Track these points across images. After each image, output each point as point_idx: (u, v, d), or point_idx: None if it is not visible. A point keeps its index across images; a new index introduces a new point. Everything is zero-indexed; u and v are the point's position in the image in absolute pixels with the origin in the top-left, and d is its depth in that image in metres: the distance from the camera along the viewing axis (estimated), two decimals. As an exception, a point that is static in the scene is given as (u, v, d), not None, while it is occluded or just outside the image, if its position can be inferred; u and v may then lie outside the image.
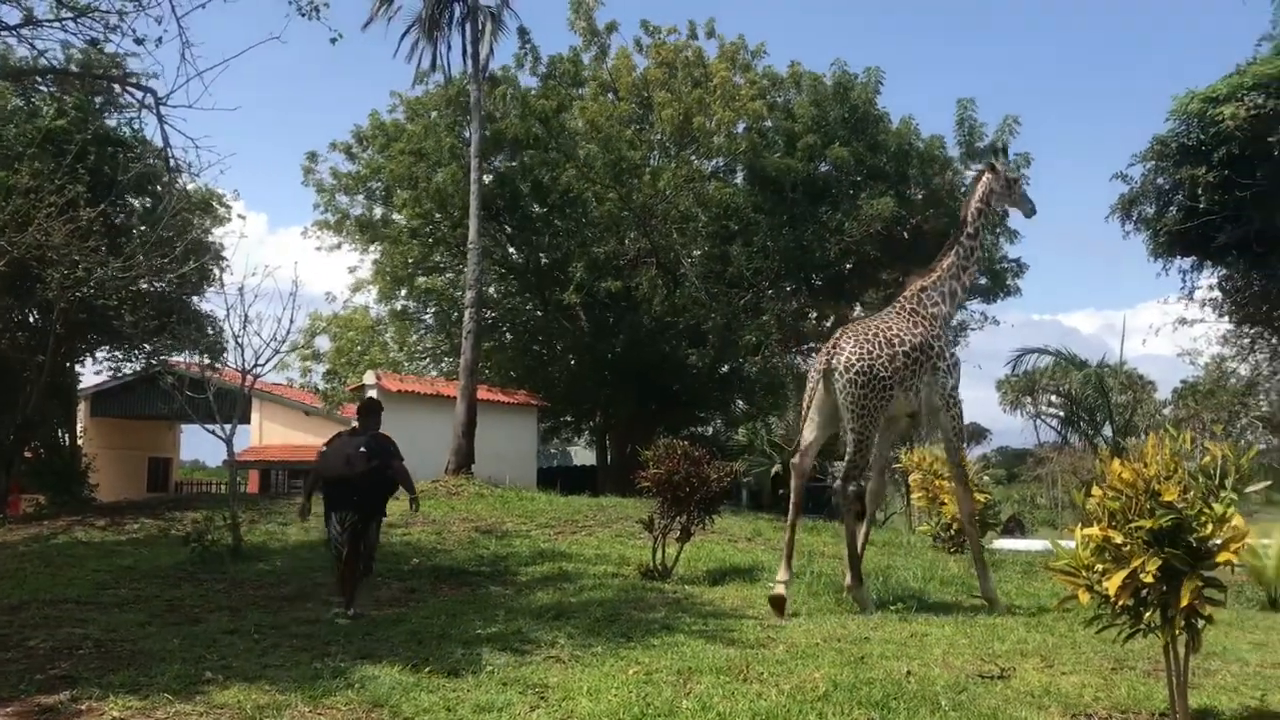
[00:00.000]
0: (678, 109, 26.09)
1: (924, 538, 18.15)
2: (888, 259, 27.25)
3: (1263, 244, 21.29)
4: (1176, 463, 6.21)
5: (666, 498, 12.82)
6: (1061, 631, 9.87)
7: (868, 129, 27.40)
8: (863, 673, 7.66)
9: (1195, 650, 6.39)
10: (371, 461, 10.21)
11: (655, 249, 27.64)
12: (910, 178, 27.67)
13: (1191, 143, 20.41)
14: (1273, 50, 20.78)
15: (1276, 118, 18.84)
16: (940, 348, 12.12)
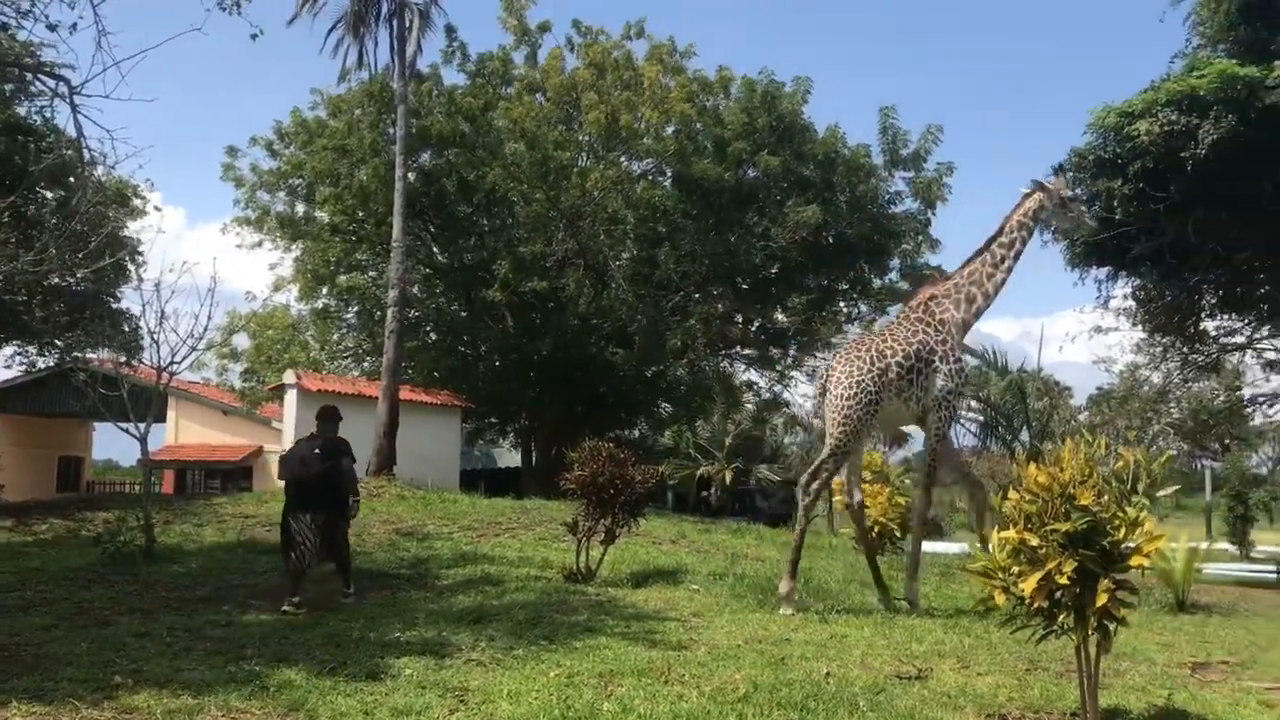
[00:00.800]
0: (604, 110, 26.07)
1: (845, 540, 18.30)
2: (813, 265, 27.51)
3: (1175, 256, 21.87)
4: (1091, 468, 6.34)
5: (591, 500, 12.77)
6: (978, 633, 10.03)
7: (795, 137, 27.64)
8: (783, 674, 7.71)
9: (1106, 651, 6.52)
10: (325, 463, 10.95)
11: (583, 250, 27.59)
12: (836, 185, 27.95)
13: (1108, 156, 20.86)
14: (1186, 68, 21.34)
15: (1189, 134, 19.33)
16: (945, 351, 12.28)
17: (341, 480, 11.11)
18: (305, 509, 10.86)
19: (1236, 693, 8.21)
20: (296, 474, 10.94)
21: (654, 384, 30.38)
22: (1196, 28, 22.72)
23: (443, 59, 29.06)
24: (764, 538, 18.51)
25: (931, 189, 28.38)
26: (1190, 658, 9.78)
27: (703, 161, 26.53)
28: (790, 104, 27.78)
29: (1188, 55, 22.58)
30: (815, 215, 25.63)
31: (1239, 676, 9.02)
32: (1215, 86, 19.16)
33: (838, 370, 12.10)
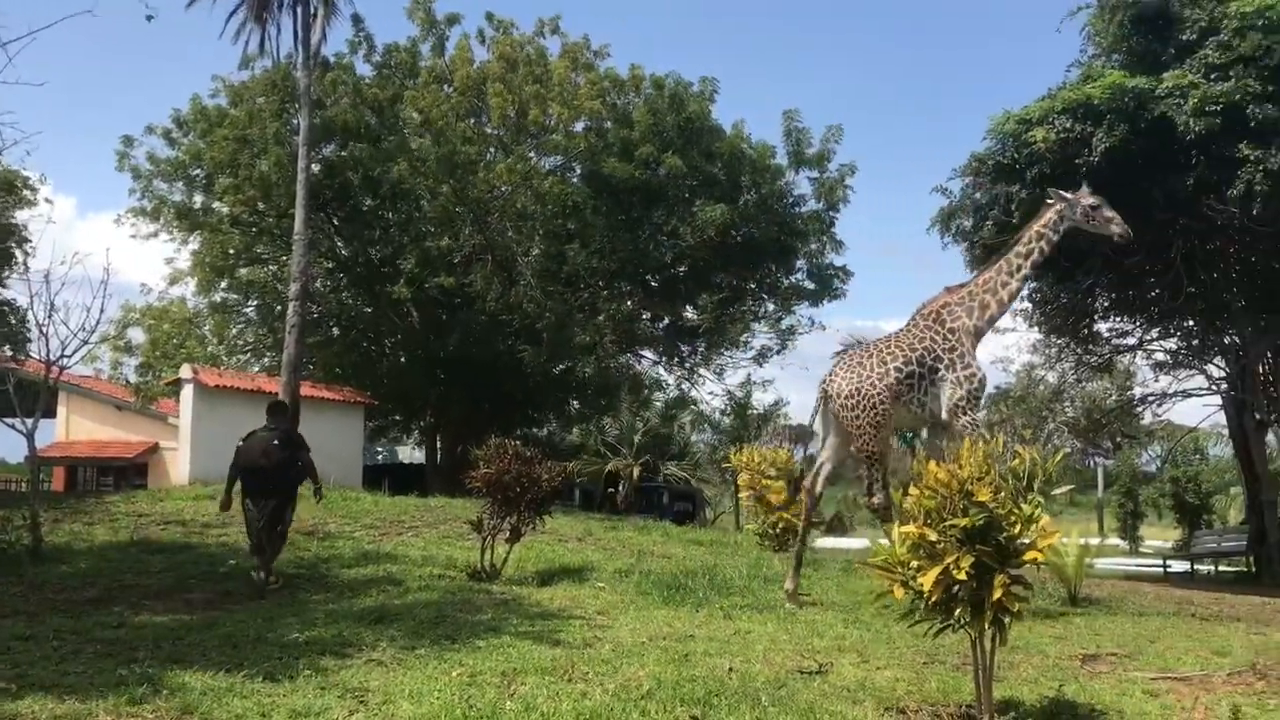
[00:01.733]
0: (512, 102, 25.89)
1: (750, 536, 18.45)
2: (720, 263, 27.70)
3: (1069, 260, 22.49)
4: (989, 465, 6.47)
5: (496, 498, 12.68)
6: (878, 627, 10.19)
7: (702, 138, 27.79)
8: (686, 670, 7.74)
9: (1002, 644, 6.67)
10: (284, 452, 11.79)
11: (490, 245, 27.38)
12: (743, 185, 28.18)
13: (1006, 161, 21.38)
14: (1081, 78, 21.97)
15: (1083, 141, 19.90)
16: (952, 360, 12.44)
17: (294, 471, 11.98)
18: (260, 495, 11.71)
19: (1123, 683, 8.46)
20: (257, 462, 11.66)
21: (562, 381, 30.30)
22: (1092, 38, 23.43)
23: (349, 49, 28.64)
24: (670, 535, 18.58)
25: (834, 190, 28.78)
26: (1081, 650, 10.05)
27: (612, 159, 26.53)
28: (697, 104, 27.93)
29: (1083, 65, 23.25)
30: (723, 215, 25.81)
31: (1126, 667, 9.30)
32: (1108, 96, 19.76)
33: (838, 378, 12.43)
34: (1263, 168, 18.61)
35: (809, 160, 28.88)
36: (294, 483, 12.15)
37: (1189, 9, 20.69)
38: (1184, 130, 19.07)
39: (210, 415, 24.37)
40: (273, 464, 11.68)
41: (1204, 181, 19.57)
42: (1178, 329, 27.75)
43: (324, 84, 26.80)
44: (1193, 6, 20.69)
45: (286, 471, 11.90)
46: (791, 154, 28.87)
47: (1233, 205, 19.25)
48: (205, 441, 24.31)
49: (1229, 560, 28.09)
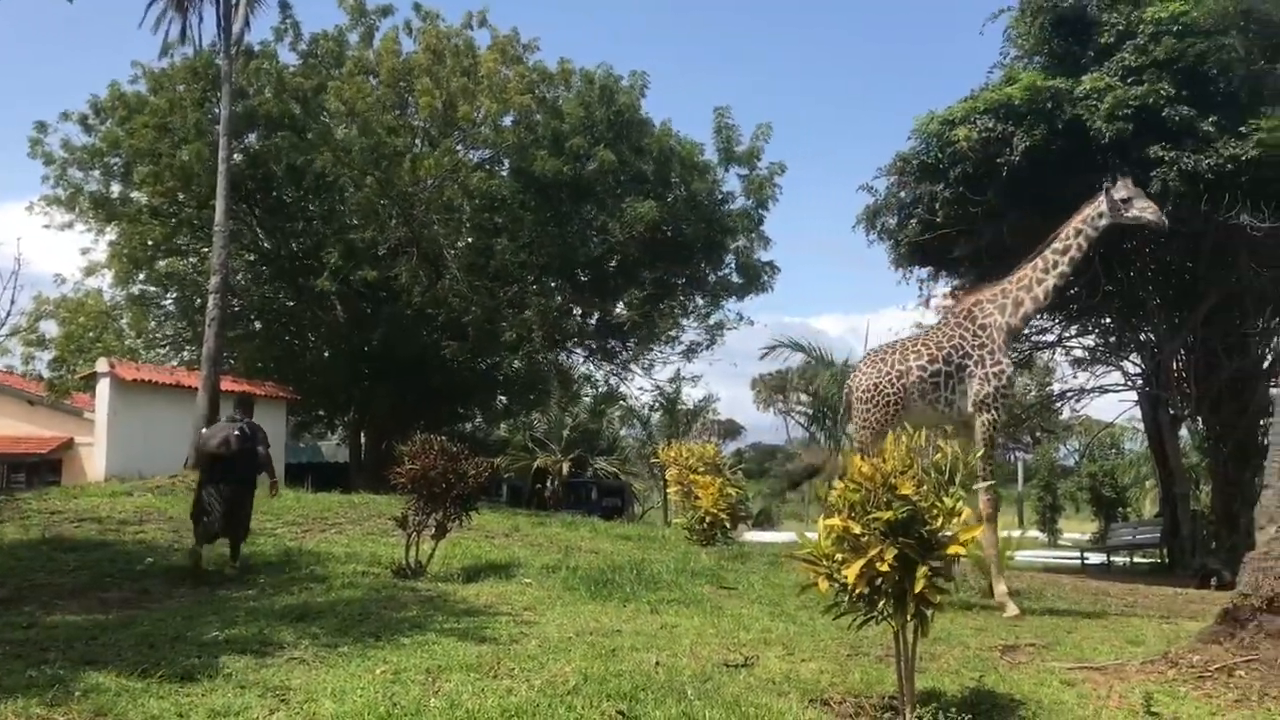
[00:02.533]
0: (438, 95, 25.63)
1: (679, 530, 18.52)
2: (650, 259, 27.72)
3: (991, 257, 22.86)
4: (912, 459, 6.55)
5: (422, 494, 12.55)
6: (803, 620, 10.27)
7: (632, 133, 27.78)
8: (613, 665, 7.73)
9: (923, 636, 6.76)
10: (245, 444, 12.33)
11: (416, 238, 27.09)
12: (672, 181, 28.22)
13: (930, 160, 21.70)
14: (1003, 79, 22.36)
15: (1004, 141, 20.27)
16: (982, 356, 12.52)
17: (254, 460, 12.52)
18: (221, 482, 12.27)
19: (1041, 673, 8.63)
20: (220, 451, 12.28)
21: (490, 376, 30.10)
22: (1013, 40, 23.83)
23: (274, 36, 28.12)
24: (599, 530, 18.54)
25: (763, 188, 28.96)
26: (1001, 641, 10.24)
27: (541, 153, 26.40)
28: (628, 99, 27.91)
29: (1005, 66, 23.66)
30: (652, 211, 25.83)
31: (1044, 658, 9.49)
32: (1028, 97, 20.15)
33: (860, 374, 12.66)
34: (1176, 168, 19.11)
35: (739, 157, 29.02)
36: (253, 473, 12.66)
37: (1107, 13, 21.17)
38: (1100, 132, 19.51)
39: (127, 410, 23.83)
40: (233, 453, 12.24)
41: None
42: (1095, 326, 28.39)
43: (247, 72, 26.30)
44: (1110, 11, 21.16)
45: (247, 462, 12.44)
46: (721, 151, 29.00)
47: (1147, 206, 19.71)
48: (122, 437, 23.77)
49: (1144, 552, 28.83)
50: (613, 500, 36.40)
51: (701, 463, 18.25)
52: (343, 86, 26.26)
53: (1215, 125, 19.41)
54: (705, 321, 31.40)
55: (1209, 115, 19.54)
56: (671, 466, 18.88)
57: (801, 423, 47.72)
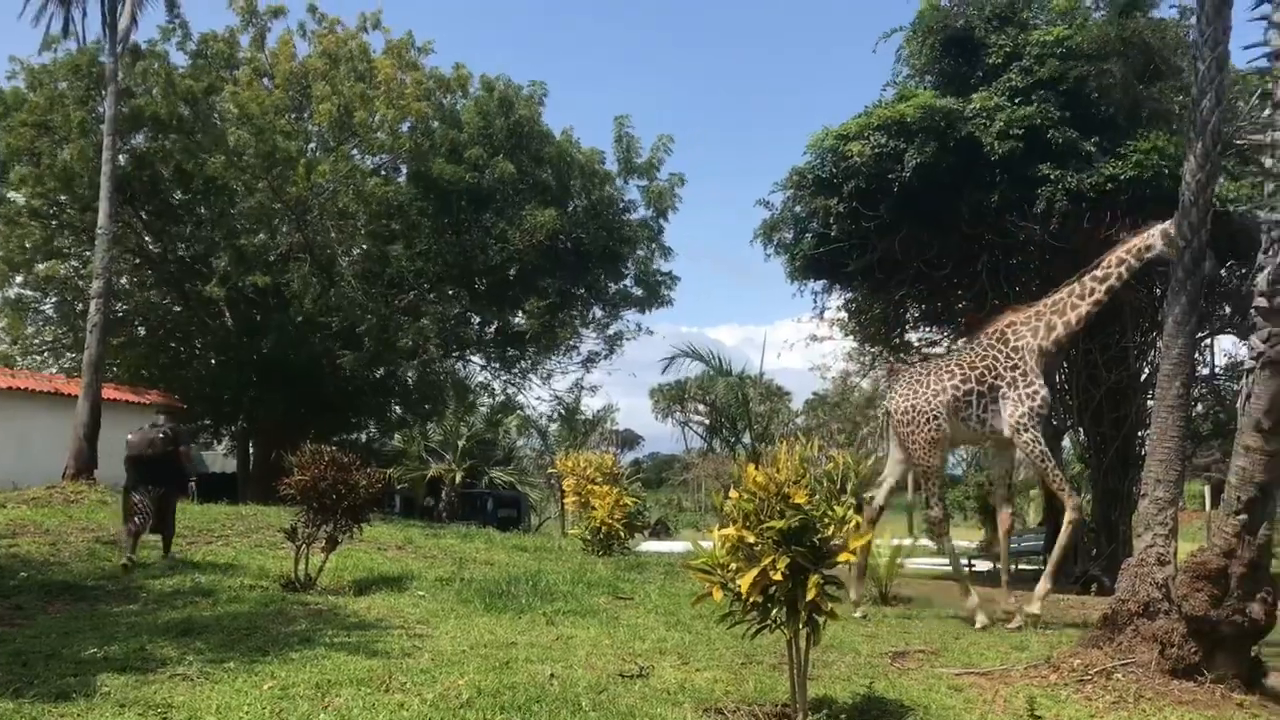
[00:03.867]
0: (337, 102, 25.20)
1: (575, 541, 18.47)
2: (549, 268, 27.60)
3: (883, 271, 23.35)
4: (805, 468, 6.62)
5: (312, 505, 12.27)
6: (699, 629, 10.31)
7: (532, 142, 27.65)
8: (507, 678, 7.65)
9: (815, 643, 6.83)
10: (167, 447, 13.26)
11: (310, 244, 26.54)
12: (572, 191, 28.18)
13: (825, 175, 22.04)
14: (895, 96, 22.84)
15: (896, 157, 20.71)
16: (1015, 377, 12.70)
17: (175, 463, 13.48)
18: (146, 483, 13.04)
19: (930, 679, 8.81)
20: (143, 453, 13.10)
21: (384, 385, 29.61)
22: (906, 59, 24.33)
23: (161, 35, 27.27)
24: (494, 541, 18.35)
25: (663, 198, 29.08)
26: (891, 648, 10.42)
27: (439, 160, 26.11)
28: (527, 108, 27.78)
29: (898, 84, 24.17)
30: (551, 220, 25.73)
31: (933, 664, 9.68)
32: (920, 115, 20.61)
33: (897, 396, 12.83)
34: (1061, 187, 19.76)
35: (639, 168, 29.09)
36: (176, 474, 13.71)
37: (995, 35, 21.78)
38: (989, 150, 20.07)
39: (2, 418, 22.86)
40: (156, 455, 13.13)
41: (1007, 199, 20.63)
42: (983, 339, 29.11)
43: (134, 71, 25.50)
44: (999, 33, 21.78)
45: (169, 464, 13.34)
46: (622, 160, 29.03)
47: (1034, 222, 20.34)
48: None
49: (1028, 559, 29.57)
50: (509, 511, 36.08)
51: (599, 473, 18.22)
52: (239, 90, 25.64)
53: (1097, 146, 20.14)
54: (605, 331, 31.40)
55: (1091, 136, 20.27)
56: (569, 477, 18.81)
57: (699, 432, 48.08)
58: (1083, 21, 21.75)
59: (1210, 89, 10.21)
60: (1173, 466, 10.05)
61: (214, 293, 25.27)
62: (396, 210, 26.76)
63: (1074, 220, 20.06)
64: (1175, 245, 12.21)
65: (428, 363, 27.38)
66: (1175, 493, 10.21)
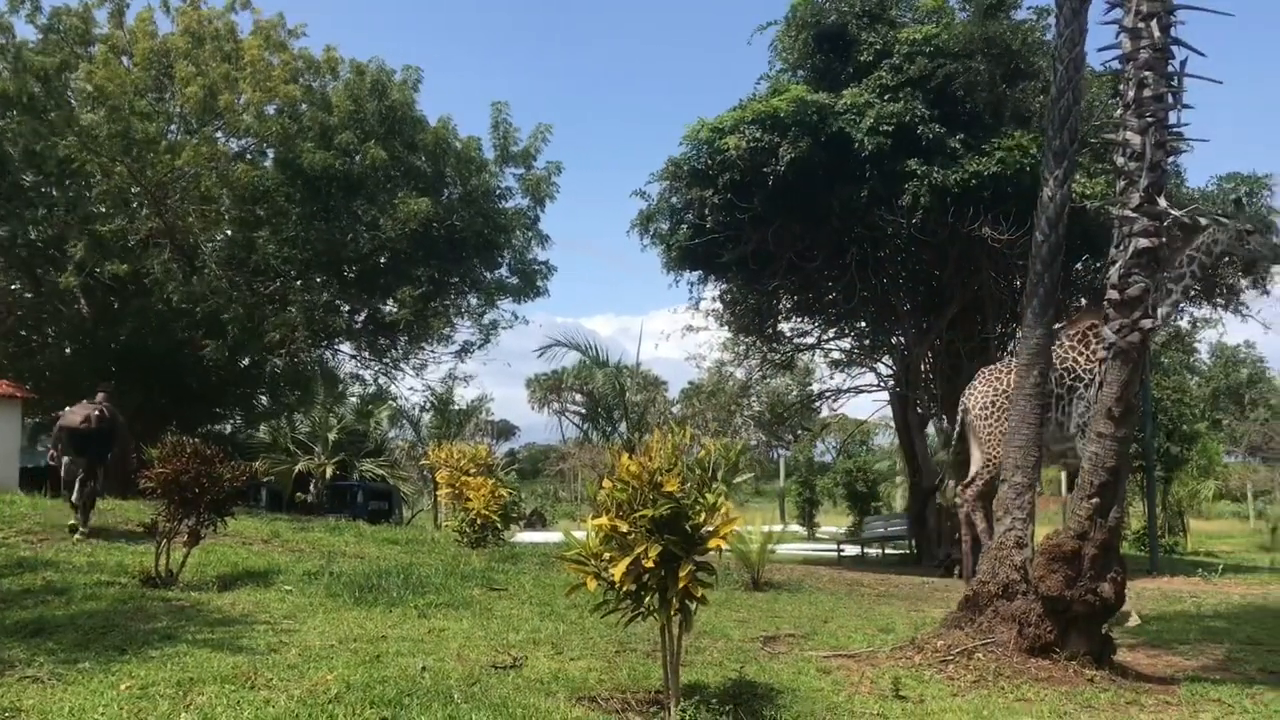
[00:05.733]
0: (201, 83, 24.31)
1: (449, 533, 18.26)
2: (423, 256, 27.17)
3: (757, 263, 23.71)
4: (677, 456, 6.67)
5: (173, 499, 11.85)
6: (573, 619, 10.31)
7: (405, 128, 27.16)
8: (377, 672, 7.53)
9: (687, 630, 6.89)
10: (104, 424, 14.41)
11: (171, 230, 25.57)
12: (447, 178, 27.79)
13: (701, 167, 22.27)
14: (769, 90, 23.18)
15: (770, 150, 21.02)
16: (1093, 379, 12.63)
17: (110, 438, 14.63)
18: (80, 454, 14.30)
19: (800, 662, 8.99)
20: (78, 426, 14.32)
21: (250, 375, 28.78)
22: (779, 53, 24.73)
23: (9, 7, 25.88)
24: (364, 534, 18.03)
25: (541, 186, 28.88)
26: (762, 632, 10.60)
27: (308, 145, 25.43)
28: (401, 93, 27.26)
29: (771, 78, 24.54)
30: (425, 207, 25.31)
31: (802, 647, 9.88)
32: (793, 109, 20.96)
33: (976, 391, 13.13)
34: (927, 182, 20.33)
35: (516, 156, 28.83)
36: (108, 449, 14.74)
37: (866, 33, 22.29)
38: (859, 145, 20.52)
39: None
40: (92, 431, 14.31)
41: (876, 193, 21.15)
42: (852, 330, 29.88)
43: (-22, 46, 24.19)
44: (869, 30, 22.29)
45: (101, 438, 14.44)
46: (499, 148, 28.72)
47: (900, 216, 20.89)
48: None
49: (894, 543, 30.45)
50: (380, 504, 35.46)
51: (473, 464, 18.05)
52: (95, 69, 24.50)
53: (962, 143, 20.79)
54: (479, 320, 31.03)
55: (957, 133, 20.91)
56: (442, 468, 18.58)
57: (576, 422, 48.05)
58: (949, 21, 22.42)
59: (1068, 89, 10.61)
60: (1030, 453, 10.44)
61: (69, 284, 24.17)
62: (263, 195, 25.94)
63: (939, 215, 20.68)
64: (1243, 242, 12.68)
65: (295, 352, 26.68)
66: (1033, 478, 10.61)
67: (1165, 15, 9.18)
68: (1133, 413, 9.56)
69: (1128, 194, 9.20)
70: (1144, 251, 9.06)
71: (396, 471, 41.18)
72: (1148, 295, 9.11)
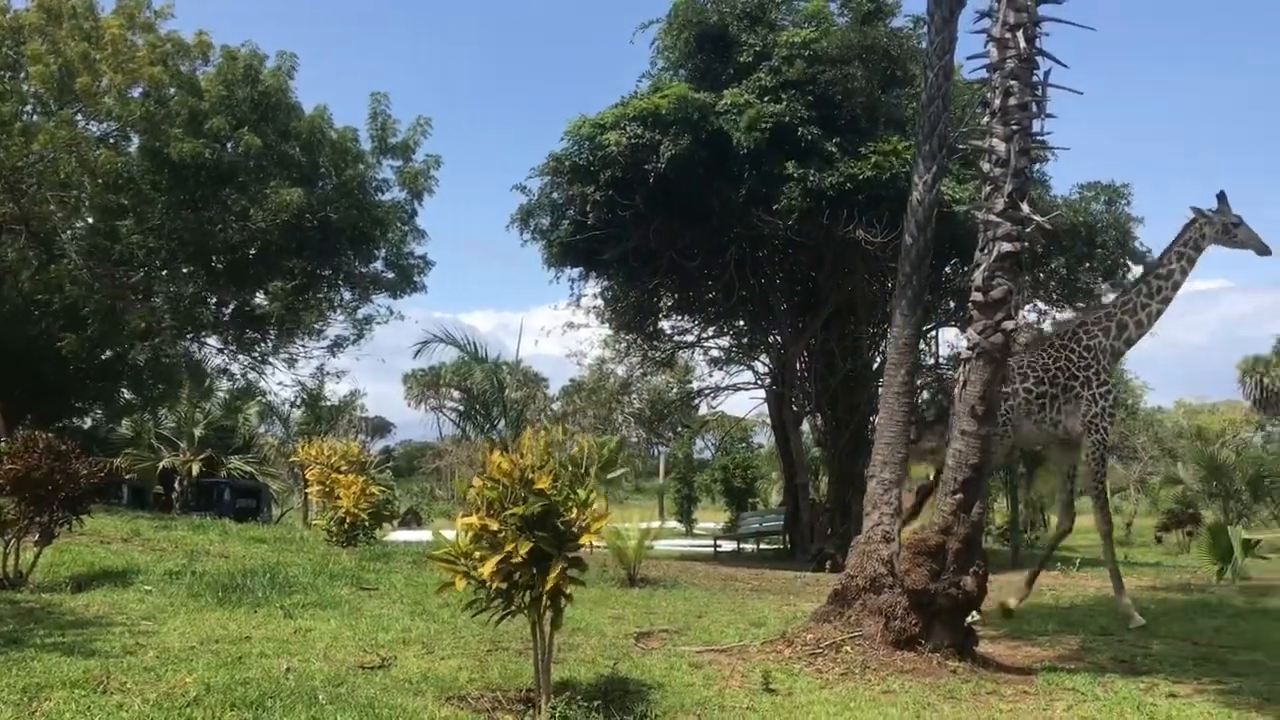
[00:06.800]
0: (57, 62, 23.22)
1: (319, 532, 17.86)
2: (295, 248, 26.50)
3: (638, 260, 23.79)
4: (550, 454, 6.63)
5: (25, 496, 11.31)
6: (445, 619, 10.17)
7: (279, 115, 26.42)
8: (239, 673, 7.31)
9: (558, 627, 6.86)
10: None
11: (26, 216, 24.38)
12: (321, 168, 27.14)
13: (583, 163, 22.21)
14: (651, 88, 23.27)
15: (651, 147, 21.09)
16: (1088, 377, 12.82)
17: None
18: None
19: (672, 657, 9.03)
20: None
21: (111, 368, 27.70)
22: (661, 52, 24.84)
23: None
24: (230, 533, 17.49)
25: (419, 179, 28.44)
26: (636, 628, 10.62)
27: (177, 132, 24.54)
28: (275, 79, 26.51)
29: (654, 76, 24.64)
30: (298, 198, 24.67)
31: (675, 643, 9.93)
32: (674, 107, 21.08)
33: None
34: (803, 185, 20.65)
35: (394, 148, 28.33)
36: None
37: (746, 34, 22.53)
38: (739, 145, 20.72)
39: None
40: None
41: (755, 194, 21.41)
42: (731, 328, 30.22)
43: None
44: (750, 32, 22.54)
45: None
46: (376, 139, 28.17)
47: (778, 217, 21.19)
48: None
49: (769, 538, 30.92)
50: (248, 502, 34.46)
51: (344, 461, 17.69)
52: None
53: (838, 146, 21.18)
54: (353, 315, 30.38)
55: (834, 137, 21.30)
56: (312, 465, 18.15)
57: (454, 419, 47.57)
58: (828, 26, 22.81)
59: (938, 96, 10.88)
60: (898, 449, 10.68)
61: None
62: (127, 182, 24.93)
63: (815, 217, 21.03)
64: (1229, 233, 13.04)
65: (160, 345, 25.75)
66: (900, 474, 10.86)
67: (1031, 27, 9.48)
68: (995, 411, 9.86)
69: (993, 199, 9.48)
70: (1007, 255, 9.35)
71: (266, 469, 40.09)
72: (1011, 297, 9.41)
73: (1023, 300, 14.57)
